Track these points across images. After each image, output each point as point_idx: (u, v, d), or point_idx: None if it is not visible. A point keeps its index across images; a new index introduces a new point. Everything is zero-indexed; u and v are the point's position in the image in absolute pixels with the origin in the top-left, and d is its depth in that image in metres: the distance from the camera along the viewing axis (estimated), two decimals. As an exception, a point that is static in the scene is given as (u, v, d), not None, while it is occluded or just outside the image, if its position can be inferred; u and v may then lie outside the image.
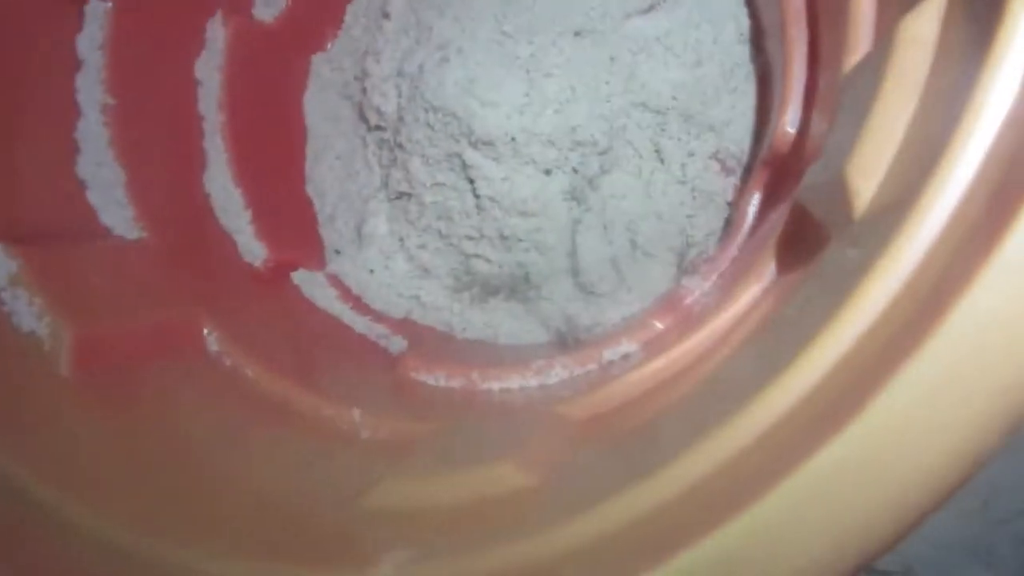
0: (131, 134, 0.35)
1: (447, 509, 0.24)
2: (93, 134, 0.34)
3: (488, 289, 0.42)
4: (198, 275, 0.36)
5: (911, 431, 0.13)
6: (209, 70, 0.39)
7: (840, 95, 0.26)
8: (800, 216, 0.27)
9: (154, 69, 0.37)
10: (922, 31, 0.19)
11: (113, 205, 0.34)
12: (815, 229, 0.25)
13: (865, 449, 0.13)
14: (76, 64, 0.34)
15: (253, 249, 0.39)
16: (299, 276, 0.41)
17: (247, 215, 0.39)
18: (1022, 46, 0.15)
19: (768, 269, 0.30)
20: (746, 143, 0.40)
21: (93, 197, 0.33)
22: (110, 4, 0.35)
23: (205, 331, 0.33)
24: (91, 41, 0.34)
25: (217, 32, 0.40)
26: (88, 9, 0.35)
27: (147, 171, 0.35)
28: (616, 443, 0.26)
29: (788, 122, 0.32)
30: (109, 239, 0.33)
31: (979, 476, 0.45)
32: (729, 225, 0.40)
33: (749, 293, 0.30)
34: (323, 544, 0.24)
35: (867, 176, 0.20)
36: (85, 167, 0.34)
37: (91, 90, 0.34)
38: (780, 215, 0.30)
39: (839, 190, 0.22)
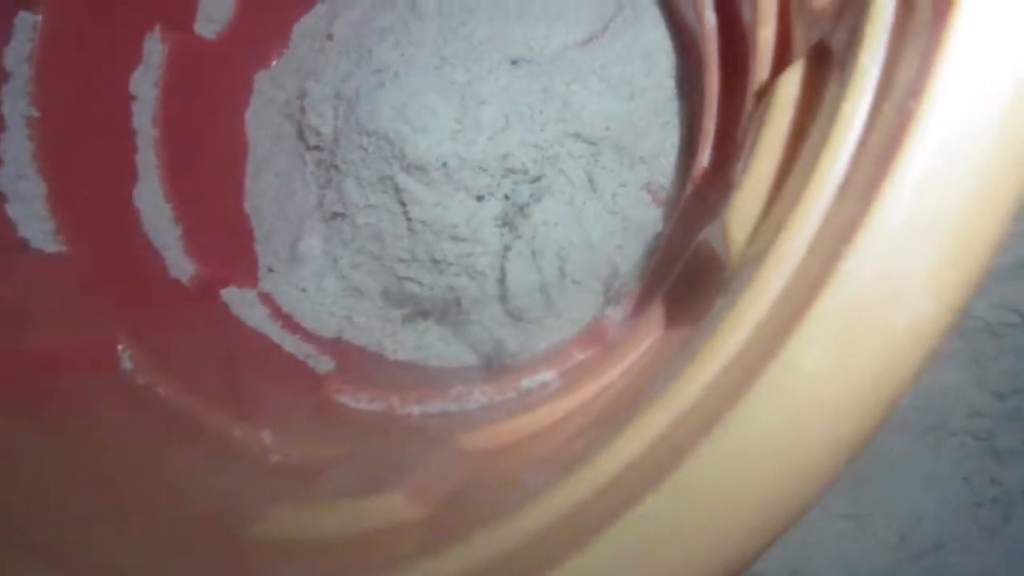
0: (56, 147, 0.35)
1: (334, 541, 0.24)
2: (16, 147, 0.34)
3: (419, 311, 0.42)
4: (119, 291, 0.35)
5: (716, 496, 0.13)
6: (145, 85, 0.39)
7: (740, 140, 0.26)
8: (702, 255, 0.28)
9: (84, 83, 0.36)
10: (791, 88, 0.20)
11: (32, 218, 0.34)
12: (715, 270, 0.26)
13: (668, 514, 0.13)
14: (3, 76, 0.34)
15: (182, 265, 0.39)
16: (229, 293, 0.41)
17: (177, 231, 0.39)
18: (862, 111, 0.16)
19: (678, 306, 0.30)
20: (675, 177, 0.40)
21: (12, 209, 0.33)
22: (39, 17, 0.34)
23: (119, 348, 0.33)
24: (18, 54, 0.34)
25: (155, 47, 0.40)
26: (17, 21, 0.34)
27: (72, 185, 0.35)
28: (508, 477, 0.26)
29: (704, 158, 0.33)
30: (26, 252, 0.33)
31: (899, 508, 0.45)
32: (654, 256, 0.40)
33: (657, 331, 0.31)
34: (211, 572, 0.23)
35: (742, 225, 0.21)
36: (6, 180, 0.33)
37: (16, 102, 0.34)
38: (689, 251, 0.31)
39: (723, 236, 0.22)
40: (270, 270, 0.44)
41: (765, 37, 0.26)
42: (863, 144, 0.15)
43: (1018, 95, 0.14)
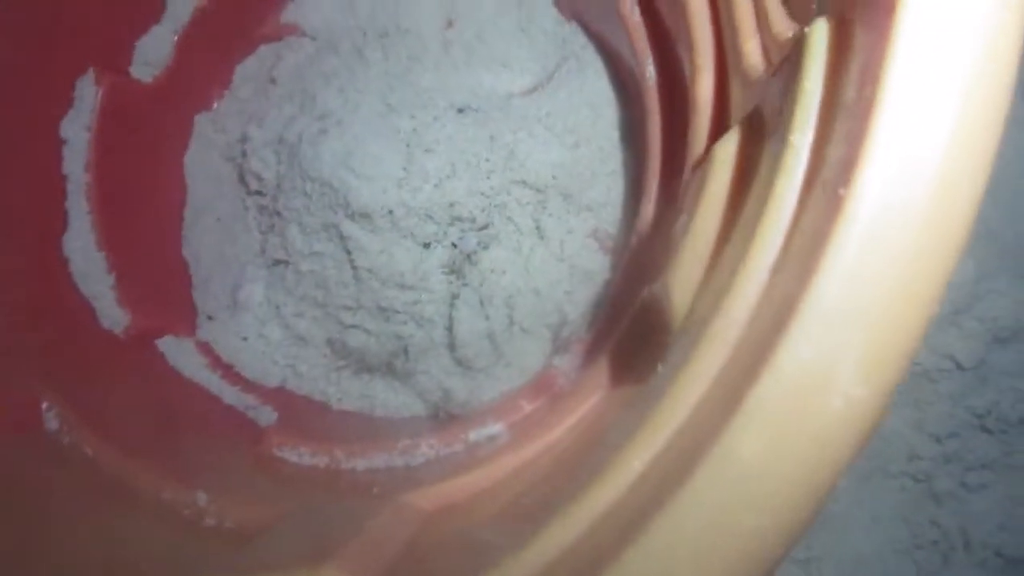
0: (-21, 195, 0.33)
1: (267, 617, 0.22)
2: (-65, 194, 0.32)
3: (364, 366, 0.41)
4: (45, 344, 0.34)
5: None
6: (76, 129, 0.38)
7: (682, 193, 0.27)
8: (648, 312, 0.28)
9: (11, 126, 0.35)
10: (726, 156, 0.20)
11: (-49, 270, 0.32)
12: (660, 329, 0.26)
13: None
14: (-78, 121, 0.33)
15: (114, 315, 0.38)
16: (165, 343, 0.40)
17: (110, 280, 0.38)
18: (794, 191, 0.16)
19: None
20: (621, 225, 0.41)
21: (-73, 261, 0.32)
22: (-36, 61, 0.33)
23: (44, 406, 0.31)
24: (-60, 98, 0.33)
25: (87, 90, 0.38)
26: (-61, 65, 0.33)
27: (-5, 234, 0.34)
28: (457, 540, 0.25)
29: (648, 211, 0.33)
30: (-57, 306, 0.31)
31: (844, 551, 0.45)
32: (603, 305, 0.40)
33: (604, 385, 0.30)
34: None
35: (683, 291, 0.21)
36: (-78, 229, 0.32)
37: (-64, 149, 0.33)
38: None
39: (665, 299, 0.22)
40: (209, 318, 0.42)
41: (703, 98, 0.26)
42: (796, 223, 0.16)
43: (943, 179, 0.14)
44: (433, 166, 0.39)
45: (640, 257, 0.36)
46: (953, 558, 0.40)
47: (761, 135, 0.20)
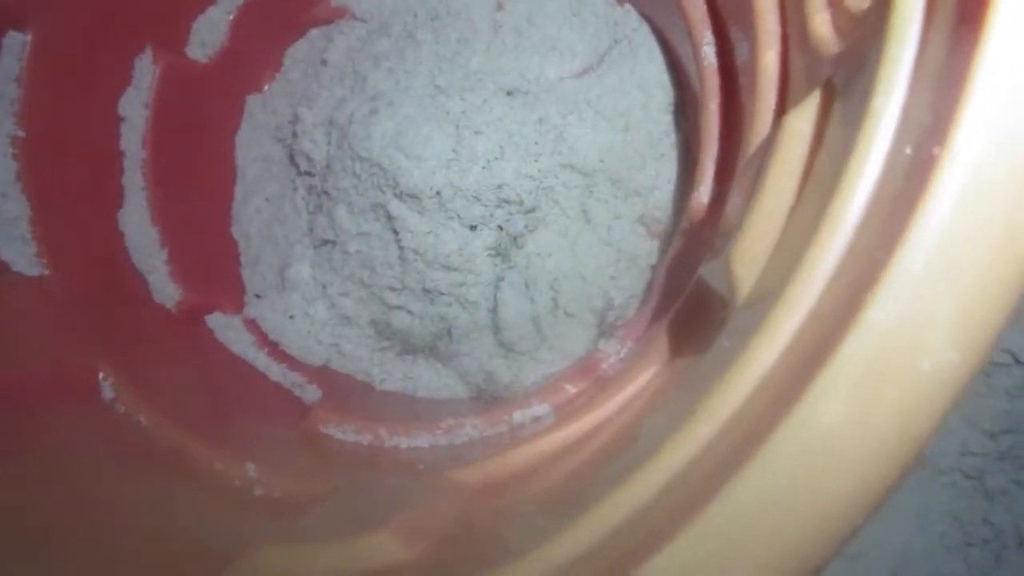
0: (41, 168, 0.34)
1: (318, 583, 0.23)
2: (0, 167, 0.33)
3: (407, 347, 0.41)
4: (102, 316, 0.34)
5: (726, 558, 0.13)
6: (135, 106, 0.39)
7: (740, 177, 0.26)
8: (703, 292, 0.27)
9: (73, 103, 0.36)
10: (801, 127, 0.19)
11: (14, 240, 0.33)
12: (717, 307, 0.25)
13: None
14: (-11, 95, 0.33)
15: (167, 290, 0.38)
16: (214, 320, 0.40)
17: (163, 255, 0.38)
18: (879, 154, 0.16)
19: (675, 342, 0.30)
20: (670, 210, 0.40)
21: (-7, 231, 0.32)
22: (29, 37, 0.34)
23: (100, 376, 0.32)
24: (6, 73, 0.33)
25: (146, 69, 0.39)
26: (5, 41, 0.34)
27: (56, 206, 0.34)
28: (502, 517, 0.25)
29: (702, 193, 0.33)
30: (6, 276, 0.32)
31: (891, 546, 0.44)
32: (650, 290, 0.40)
33: (655, 366, 0.30)
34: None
35: (747, 264, 0.20)
36: (-12, 200, 0.32)
37: (2, 123, 0.33)
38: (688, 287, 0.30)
39: (727, 274, 0.22)
40: (257, 296, 0.43)
41: (766, 76, 0.26)
42: (880, 188, 0.15)
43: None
44: (482, 148, 0.38)
45: (691, 242, 0.36)
46: (1006, 556, 0.39)
47: (833, 105, 0.19)
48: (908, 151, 0.14)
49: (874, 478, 0.13)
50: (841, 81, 0.20)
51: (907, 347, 0.13)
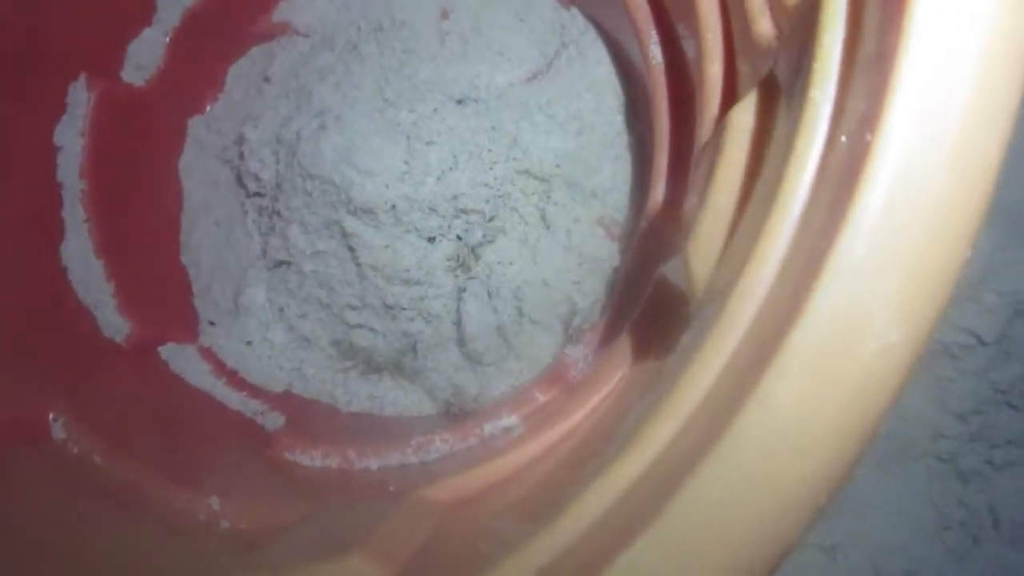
0: (-25, 204, 0.34)
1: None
2: (-70, 205, 0.33)
3: (371, 366, 0.41)
4: (48, 355, 0.34)
5: (697, 544, 0.13)
6: (70, 135, 0.38)
7: (694, 173, 0.27)
8: (664, 290, 0.28)
9: (4, 134, 0.35)
10: (745, 121, 0.20)
11: (-50, 281, 0.32)
12: (679, 304, 0.26)
13: (647, 565, 0.13)
14: (-85, 130, 0.33)
15: (115, 324, 0.38)
16: (168, 351, 0.40)
17: (109, 288, 0.38)
18: (818, 144, 0.16)
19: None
20: (628, 211, 0.41)
21: (-73, 273, 0.32)
22: (-45, 68, 0.33)
23: (51, 417, 0.32)
24: (-68, 106, 0.33)
25: (80, 95, 0.39)
26: (-70, 73, 0.33)
27: (-7, 243, 0.34)
28: (476, 529, 0.26)
29: (658, 192, 0.34)
30: (-57, 318, 0.32)
31: (870, 536, 0.46)
32: (613, 292, 0.40)
33: (622, 368, 0.31)
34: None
35: (703, 260, 0.21)
36: (-81, 241, 0.32)
37: (-70, 158, 0.33)
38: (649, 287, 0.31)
39: (685, 271, 0.23)
40: (211, 324, 0.43)
41: (712, 72, 0.27)
42: (820, 176, 0.16)
43: (970, 119, 0.14)
44: (435, 158, 0.39)
45: (650, 241, 0.37)
46: (983, 537, 0.40)
47: (776, 98, 0.20)
48: (843, 139, 0.15)
49: (832, 457, 0.14)
50: (783, 74, 0.21)
51: (853, 330, 0.14)
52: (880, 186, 0.14)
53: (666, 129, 0.33)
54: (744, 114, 0.21)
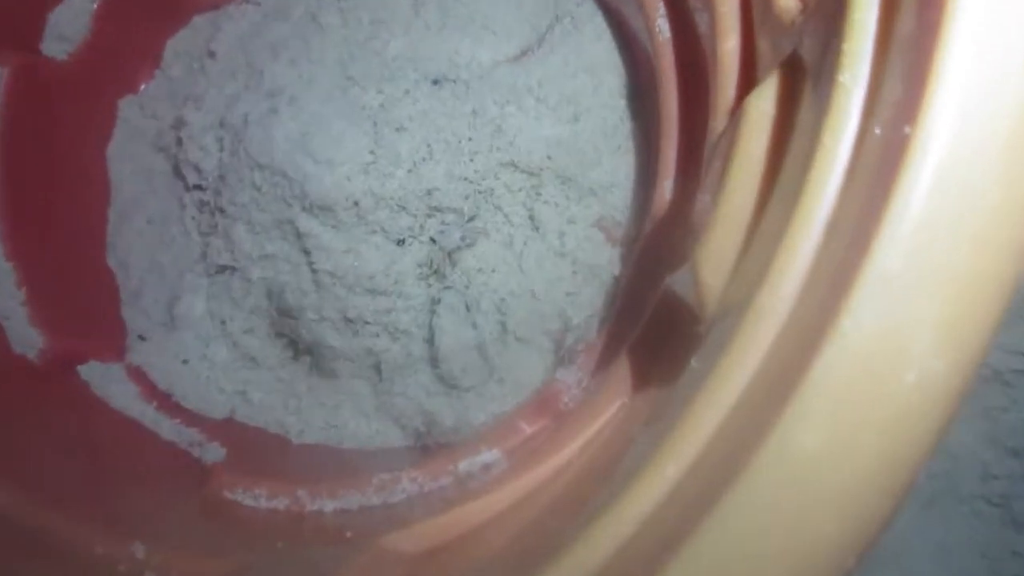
0: None
1: None
2: None
3: (329, 389, 0.41)
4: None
5: None
6: (-21, 116, 0.38)
7: (707, 168, 0.27)
8: (671, 304, 0.28)
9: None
10: (765, 108, 0.20)
11: None
12: (687, 321, 0.26)
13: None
14: None
15: (27, 337, 0.38)
16: (90, 370, 0.40)
17: (20, 295, 0.38)
18: (848, 137, 0.16)
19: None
20: (631, 211, 0.41)
21: None
22: None
23: (-55, 450, 0.31)
24: None
25: (-9, 71, 0.38)
26: None
27: None
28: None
29: (665, 189, 0.33)
30: None
31: None
32: (613, 306, 0.40)
33: (621, 396, 0.30)
34: None
35: (715, 270, 0.21)
36: None
37: None
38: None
39: (694, 283, 0.22)
40: (141, 338, 0.42)
41: (727, 50, 0.27)
42: (851, 174, 0.16)
43: None
44: (406, 148, 0.39)
45: (655, 245, 0.36)
46: (1039, 594, 0.40)
47: (801, 83, 0.20)
48: (878, 131, 0.15)
49: (861, 514, 0.13)
50: (809, 55, 0.21)
51: (888, 358, 0.13)
52: (920, 187, 0.14)
53: (675, 116, 0.33)
54: (763, 100, 0.21)
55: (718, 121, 0.28)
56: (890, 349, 0.13)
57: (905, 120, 0.14)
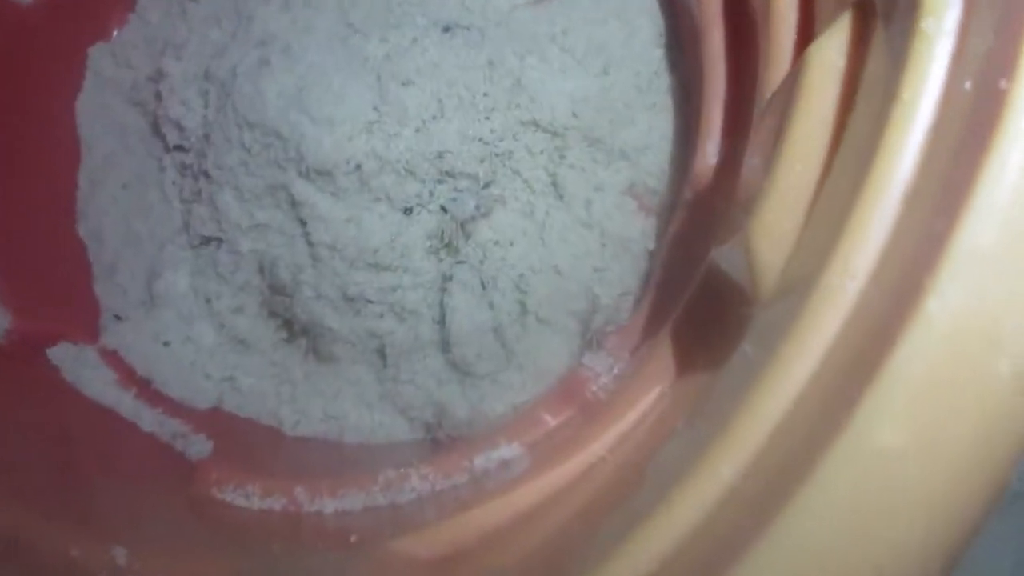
0: None
1: None
2: None
3: (327, 376, 0.41)
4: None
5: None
6: (-68, 67, 0.38)
7: (757, 128, 0.26)
8: (717, 283, 0.28)
9: None
10: (831, 59, 0.20)
11: None
12: (736, 302, 0.26)
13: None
14: None
15: (-10, 317, 0.38)
16: (60, 353, 0.40)
17: (-18, 270, 0.38)
18: (932, 92, 0.16)
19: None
20: (668, 176, 0.41)
21: None
22: None
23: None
24: None
25: (-54, 16, 0.38)
26: None
27: None
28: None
29: (709, 152, 0.33)
30: None
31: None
32: (648, 284, 0.40)
33: (659, 384, 0.31)
34: None
35: (772, 244, 0.21)
36: None
37: None
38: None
39: (746, 258, 0.22)
40: (118, 318, 0.42)
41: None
42: (936, 135, 0.16)
43: None
44: (413, 104, 0.39)
45: (698, 217, 0.36)
46: None
47: (874, 29, 0.20)
48: (967, 86, 0.15)
49: (949, 519, 0.13)
50: (881, -2, 0.21)
51: (979, 344, 0.13)
52: (1018, 148, 0.14)
53: (720, 68, 0.32)
54: (829, 50, 0.20)
55: (772, 73, 0.27)
56: (981, 333, 0.13)
57: (1001, 73, 0.14)
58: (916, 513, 0.13)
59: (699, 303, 0.29)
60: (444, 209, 0.40)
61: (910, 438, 0.13)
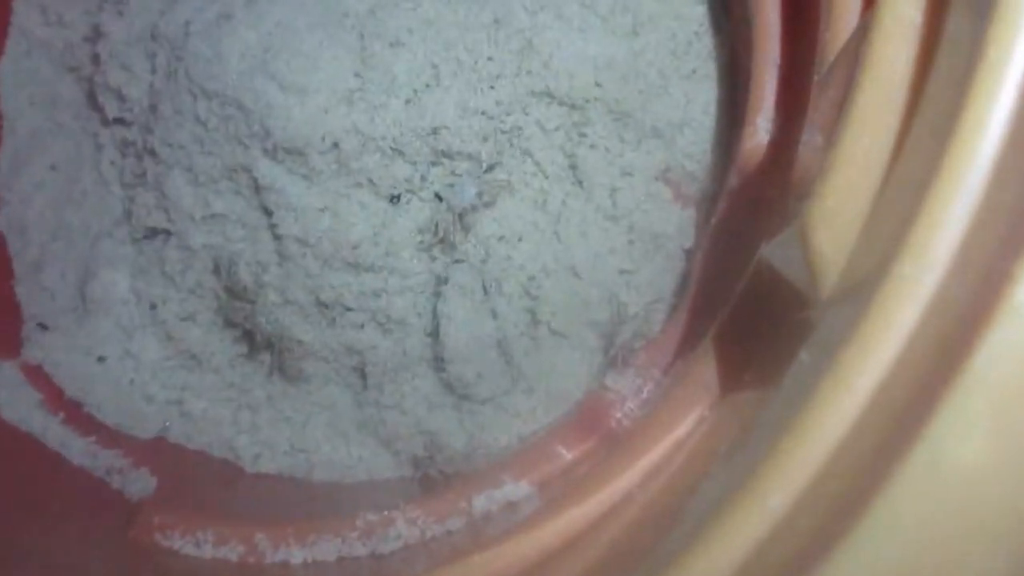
0: None
1: None
2: None
3: (298, 397, 0.41)
4: None
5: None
6: None
7: (817, 100, 0.27)
8: (768, 283, 0.28)
9: None
10: (907, 15, 0.20)
11: None
12: (792, 305, 0.26)
13: None
14: None
15: None
16: (-29, 369, 0.40)
17: None
18: (1021, 56, 0.16)
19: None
20: (710, 159, 0.41)
21: None
22: None
23: None
24: None
25: None
26: None
27: None
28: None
29: (760, 129, 0.34)
30: None
31: None
32: (687, 287, 0.40)
33: (699, 407, 0.31)
34: None
35: (834, 236, 0.21)
36: None
37: None
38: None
39: (804, 253, 0.23)
40: (42, 327, 0.43)
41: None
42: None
43: None
44: (403, 70, 0.39)
45: (744, 205, 0.37)
46: None
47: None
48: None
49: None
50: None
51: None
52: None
53: (775, 31, 0.33)
54: (903, 3, 0.21)
55: (835, 33, 0.28)
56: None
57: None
58: (999, 543, 0.13)
59: (746, 309, 0.29)
60: (439, 197, 0.40)
61: (994, 454, 0.14)
